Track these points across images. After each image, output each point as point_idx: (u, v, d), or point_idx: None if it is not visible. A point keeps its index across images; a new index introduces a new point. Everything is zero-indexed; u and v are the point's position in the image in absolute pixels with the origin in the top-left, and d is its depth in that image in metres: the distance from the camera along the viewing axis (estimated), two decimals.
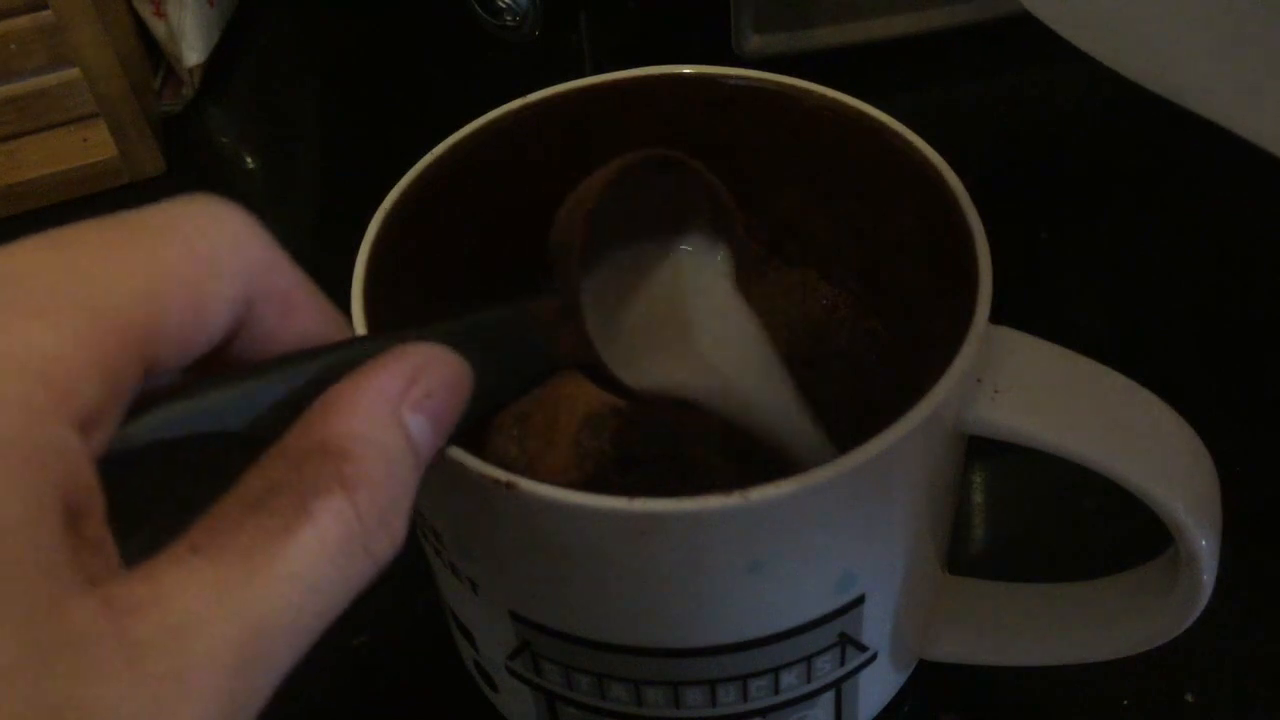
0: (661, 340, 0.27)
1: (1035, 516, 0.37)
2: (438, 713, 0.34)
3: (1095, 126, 0.50)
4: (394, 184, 0.29)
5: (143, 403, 0.17)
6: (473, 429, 0.22)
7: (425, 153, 0.30)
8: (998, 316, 0.26)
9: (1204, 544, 0.26)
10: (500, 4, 0.53)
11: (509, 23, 0.53)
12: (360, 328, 0.26)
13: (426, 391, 0.19)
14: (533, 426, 0.33)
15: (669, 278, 0.28)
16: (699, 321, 0.28)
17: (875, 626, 0.28)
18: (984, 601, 0.31)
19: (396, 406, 0.19)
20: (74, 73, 0.48)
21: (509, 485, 0.23)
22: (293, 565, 0.17)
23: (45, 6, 0.46)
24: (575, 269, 0.24)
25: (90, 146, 0.50)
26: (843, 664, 0.28)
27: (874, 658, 0.29)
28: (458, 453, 0.24)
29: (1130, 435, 0.26)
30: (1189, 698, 0.33)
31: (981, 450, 0.27)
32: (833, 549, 0.25)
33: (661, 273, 0.28)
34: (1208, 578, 0.26)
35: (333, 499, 0.17)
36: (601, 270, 0.27)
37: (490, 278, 0.31)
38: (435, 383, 0.19)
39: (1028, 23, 0.30)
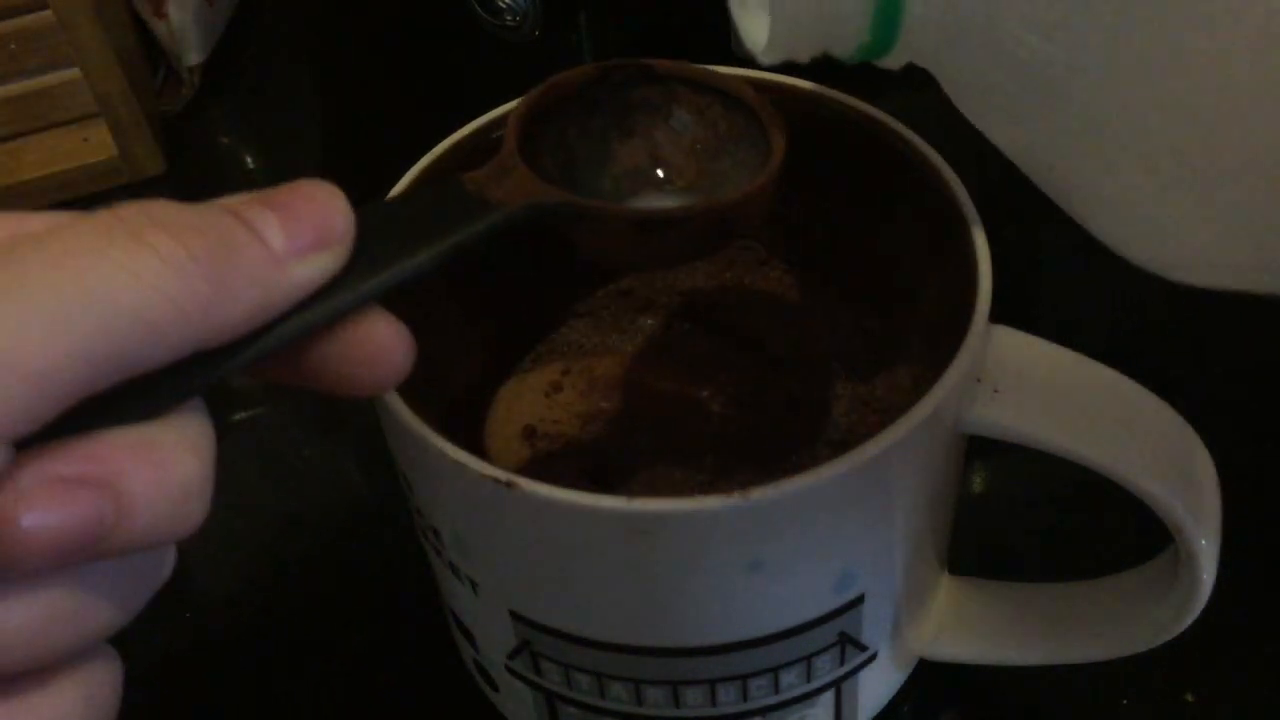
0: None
1: (1035, 516, 0.37)
2: (438, 713, 0.34)
3: None
4: (394, 184, 0.29)
5: None
6: (472, 420, 0.22)
7: (425, 153, 0.30)
8: (998, 316, 0.26)
9: (1204, 544, 0.26)
10: (500, 4, 0.53)
11: (509, 23, 0.53)
12: None
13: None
14: (537, 426, 0.33)
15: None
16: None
17: (875, 626, 0.28)
18: (984, 601, 0.31)
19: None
20: (74, 73, 0.48)
21: (509, 485, 0.23)
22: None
23: (45, 6, 0.46)
24: (513, 132, 0.25)
25: (90, 146, 0.50)
26: (842, 663, 0.28)
27: (874, 657, 0.29)
28: (458, 453, 0.24)
29: (1130, 435, 0.26)
30: (1189, 698, 0.33)
31: (981, 450, 0.27)
32: (833, 548, 0.25)
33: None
34: (1208, 578, 0.26)
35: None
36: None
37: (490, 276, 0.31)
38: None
39: None
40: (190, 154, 0.52)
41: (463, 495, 0.25)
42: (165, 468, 0.17)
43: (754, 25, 0.24)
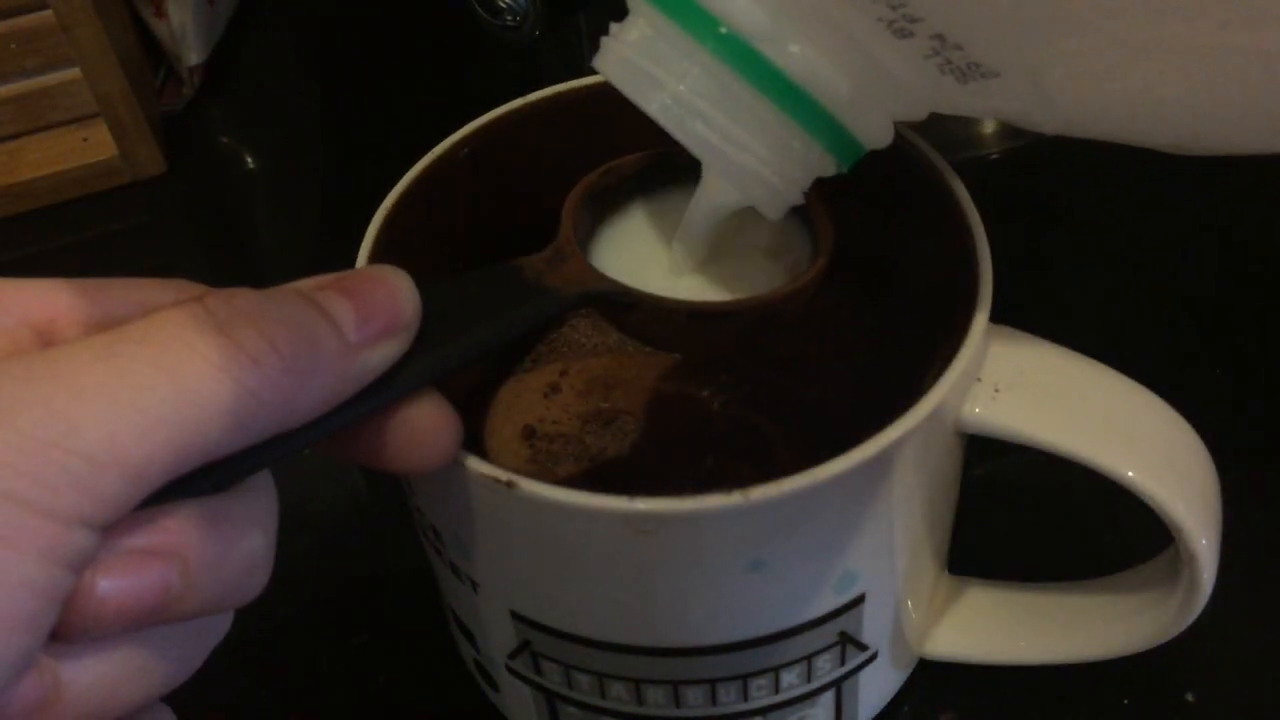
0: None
1: (1036, 516, 0.37)
2: (438, 713, 0.34)
3: None
4: (394, 184, 0.29)
5: None
6: (475, 423, 0.22)
7: (425, 152, 0.30)
8: (998, 316, 0.26)
9: (1204, 544, 0.26)
10: (500, 4, 0.53)
11: (509, 23, 0.53)
12: None
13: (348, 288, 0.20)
14: (538, 427, 0.33)
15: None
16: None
17: (875, 626, 0.28)
18: (984, 601, 0.31)
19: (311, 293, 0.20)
20: (74, 73, 0.48)
21: (509, 485, 0.23)
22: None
23: (45, 6, 0.46)
24: (570, 217, 0.25)
25: (90, 146, 0.50)
26: (843, 663, 0.28)
27: (874, 657, 0.29)
28: (459, 453, 0.24)
29: (1130, 435, 0.26)
30: (1189, 698, 0.33)
31: (981, 450, 0.27)
32: (833, 548, 0.25)
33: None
34: (1208, 578, 0.26)
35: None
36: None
37: None
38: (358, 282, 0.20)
39: None
40: (190, 154, 0.52)
41: (463, 495, 0.25)
42: (231, 541, 0.18)
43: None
